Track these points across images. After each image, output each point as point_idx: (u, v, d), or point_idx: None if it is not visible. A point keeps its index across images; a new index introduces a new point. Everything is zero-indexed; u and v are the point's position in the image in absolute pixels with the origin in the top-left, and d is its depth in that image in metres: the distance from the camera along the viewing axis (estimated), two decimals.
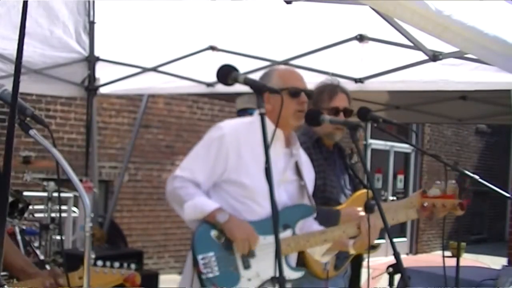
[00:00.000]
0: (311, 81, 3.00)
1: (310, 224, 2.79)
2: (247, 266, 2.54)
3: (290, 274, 2.60)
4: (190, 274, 2.54)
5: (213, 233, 2.53)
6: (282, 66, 3.17)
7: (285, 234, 2.62)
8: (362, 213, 2.83)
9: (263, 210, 2.56)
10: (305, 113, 2.71)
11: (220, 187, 2.64)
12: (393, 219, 2.84)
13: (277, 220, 2.11)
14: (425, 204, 2.86)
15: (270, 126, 2.32)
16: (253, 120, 2.67)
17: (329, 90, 3.21)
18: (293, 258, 2.74)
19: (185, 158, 2.70)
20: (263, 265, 2.51)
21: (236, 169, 2.59)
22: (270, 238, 2.49)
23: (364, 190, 3.23)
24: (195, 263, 2.50)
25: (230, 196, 2.62)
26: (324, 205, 3.04)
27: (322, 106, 3.14)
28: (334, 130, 3.14)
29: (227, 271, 2.51)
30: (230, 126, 2.68)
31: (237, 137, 2.61)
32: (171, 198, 2.64)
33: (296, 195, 2.74)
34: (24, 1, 1.37)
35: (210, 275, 2.48)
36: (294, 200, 2.72)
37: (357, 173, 3.41)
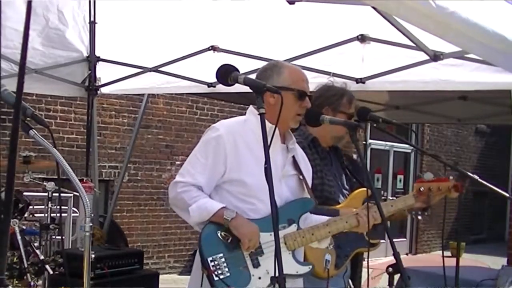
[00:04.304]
0: (312, 81, 3.01)
1: (313, 217, 2.79)
2: (256, 264, 2.53)
3: (299, 268, 2.62)
4: (198, 277, 2.52)
5: (220, 233, 2.52)
6: (289, 63, 3.14)
7: (290, 229, 2.63)
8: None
9: (267, 207, 2.54)
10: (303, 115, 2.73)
11: (221, 188, 2.63)
12: (392, 206, 2.90)
13: (276, 221, 2.11)
14: (421, 189, 2.92)
15: (267, 124, 2.31)
16: (247, 118, 2.70)
17: (348, 95, 3.28)
18: (300, 253, 2.74)
19: (184, 163, 2.69)
20: (271, 263, 2.49)
21: (236, 168, 2.59)
22: None
23: (362, 189, 3.24)
24: (205, 265, 2.47)
25: (233, 196, 2.61)
26: (323, 205, 3.05)
27: (341, 109, 3.20)
28: (345, 134, 3.13)
29: (237, 271, 2.50)
30: (225, 125, 2.68)
31: (233, 136, 2.61)
32: (175, 204, 2.63)
33: (297, 189, 2.75)
34: (28, 1, 1.37)
35: (222, 276, 2.46)
36: (296, 194, 2.72)
37: (354, 173, 3.43)
